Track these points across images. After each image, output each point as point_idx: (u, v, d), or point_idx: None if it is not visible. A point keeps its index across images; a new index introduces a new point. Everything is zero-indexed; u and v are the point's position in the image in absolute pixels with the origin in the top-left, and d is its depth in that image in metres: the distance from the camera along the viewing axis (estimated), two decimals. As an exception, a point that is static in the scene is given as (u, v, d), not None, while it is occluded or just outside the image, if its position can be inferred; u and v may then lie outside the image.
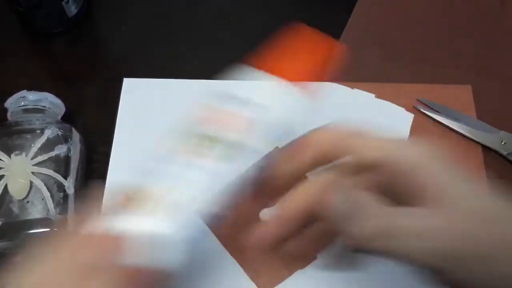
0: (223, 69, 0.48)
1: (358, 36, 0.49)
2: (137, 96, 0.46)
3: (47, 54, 0.50)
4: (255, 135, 0.35)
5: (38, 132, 0.39)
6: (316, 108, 0.45)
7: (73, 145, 0.40)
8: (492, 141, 0.42)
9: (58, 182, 0.38)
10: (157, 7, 0.52)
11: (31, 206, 0.37)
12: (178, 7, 0.52)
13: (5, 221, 0.36)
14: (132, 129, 0.44)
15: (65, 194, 0.38)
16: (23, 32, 0.51)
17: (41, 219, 0.36)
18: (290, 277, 0.38)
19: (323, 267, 0.36)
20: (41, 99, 0.41)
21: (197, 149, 0.35)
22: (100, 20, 0.52)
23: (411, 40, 0.49)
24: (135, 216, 0.29)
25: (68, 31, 0.50)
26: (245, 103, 0.41)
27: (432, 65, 0.47)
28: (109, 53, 0.50)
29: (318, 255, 0.38)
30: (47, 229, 0.36)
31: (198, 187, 0.34)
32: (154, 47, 0.50)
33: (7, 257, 0.39)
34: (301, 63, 0.35)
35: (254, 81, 0.46)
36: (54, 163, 0.38)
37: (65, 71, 0.49)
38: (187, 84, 0.47)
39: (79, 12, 0.50)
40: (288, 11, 0.52)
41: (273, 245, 0.29)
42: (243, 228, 0.39)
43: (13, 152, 0.38)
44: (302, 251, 0.30)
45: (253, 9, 0.52)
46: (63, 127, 0.40)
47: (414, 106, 0.44)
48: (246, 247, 0.39)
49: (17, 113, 0.40)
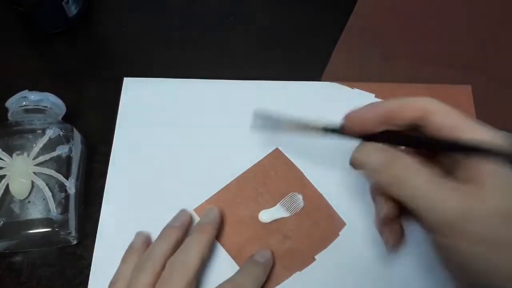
0: (223, 69, 0.48)
1: (358, 36, 0.49)
2: (137, 96, 0.46)
3: (47, 54, 0.50)
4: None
5: (39, 132, 0.39)
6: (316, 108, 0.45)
7: (74, 145, 0.40)
8: (492, 141, 0.42)
9: (60, 182, 0.38)
10: (157, 7, 0.52)
11: (33, 206, 0.37)
12: (178, 7, 0.52)
13: (6, 221, 0.36)
14: (132, 129, 0.44)
15: (67, 194, 0.38)
16: (23, 32, 0.51)
17: (42, 219, 0.36)
18: (289, 278, 0.38)
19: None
20: (43, 99, 0.41)
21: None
22: (100, 20, 0.52)
23: (410, 40, 0.49)
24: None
25: (68, 31, 0.50)
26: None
27: (432, 65, 0.47)
28: (109, 53, 0.50)
29: (317, 256, 0.39)
30: (48, 229, 0.36)
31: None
32: (154, 47, 0.50)
33: (7, 257, 0.39)
34: None
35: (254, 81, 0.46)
36: (55, 163, 0.38)
37: (65, 71, 0.49)
38: (187, 84, 0.47)
39: (79, 12, 0.50)
40: (288, 11, 0.52)
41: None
42: (242, 228, 0.40)
43: (15, 152, 0.38)
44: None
45: (253, 9, 0.52)
46: (65, 127, 0.40)
47: (414, 106, 0.45)
48: (245, 248, 0.39)
49: (18, 113, 0.40)
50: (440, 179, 0.27)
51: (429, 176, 0.28)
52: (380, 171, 0.29)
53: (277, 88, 0.46)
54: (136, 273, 0.34)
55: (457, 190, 0.27)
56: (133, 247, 0.37)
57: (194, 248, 0.35)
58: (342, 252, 0.39)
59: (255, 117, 0.37)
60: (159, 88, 0.46)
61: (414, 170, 0.28)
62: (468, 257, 0.27)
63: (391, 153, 0.30)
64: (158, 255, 0.35)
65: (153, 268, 0.34)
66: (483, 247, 0.26)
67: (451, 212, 0.26)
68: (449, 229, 0.27)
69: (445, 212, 0.26)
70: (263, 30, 0.51)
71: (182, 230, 0.38)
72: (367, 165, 0.30)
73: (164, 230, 0.38)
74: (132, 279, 0.34)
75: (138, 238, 0.38)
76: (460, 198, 0.26)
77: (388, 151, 0.30)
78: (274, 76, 0.47)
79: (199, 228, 0.38)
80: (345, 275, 0.38)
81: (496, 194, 0.26)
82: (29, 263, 0.39)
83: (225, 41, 0.50)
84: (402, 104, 0.30)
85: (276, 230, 0.40)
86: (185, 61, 0.49)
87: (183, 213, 0.39)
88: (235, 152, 0.43)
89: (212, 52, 0.49)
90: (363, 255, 0.38)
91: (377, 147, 0.30)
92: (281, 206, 0.40)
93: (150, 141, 0.44)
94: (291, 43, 0.50)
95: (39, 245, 0.39)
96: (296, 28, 0.51)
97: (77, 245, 0.39)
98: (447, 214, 0.26)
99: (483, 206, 0.26)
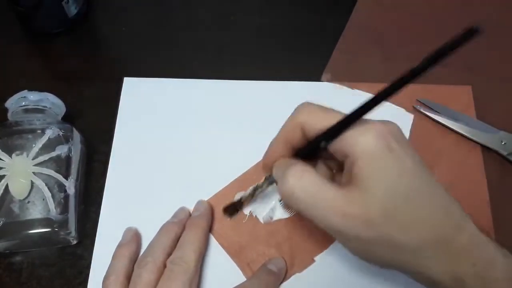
0: (223, 69, 0.48)
1: (358, 36, 0.49)
2: (137, 96, 0.46)
3: (47, 54, 0.50)
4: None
5: (39, 132, 0.39)
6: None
7: (74, 145, 0.40)
8: (492, 141, 0.42)
9: (59, 182, 0.38)
10: (157, 7, 0.52)
11: (32, 206, 0.37)
12: (178, 7, 0.52)
13: (5, 221, 0.36)
14: (132, 129, 0.44)
15: (66, 194, 0.38)
16: (23, 32, 0.51)
17: (42, 219, 0.36)
18: (288, 280, 0.38)
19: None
20: (42, 99, 0.41)
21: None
22: (100, 20, 0.52)
23: (411, 40, 0.49)
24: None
25: (68, 31, 0.50)
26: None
27: (432, 65, 0.47)
28: (109, 53, 0.50)
29: (316, 258, 0.39)
30: (48, 229, 0.36)
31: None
32: (154, 47, 0.50)
33: (7, 257, 0.39)
34: None
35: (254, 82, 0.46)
36: (55, 163, 0.38)
37: (65, 71, 0.49)
38: (187, 84, 0.47)
39: (79, 12, 0.50)
40: (288, 11, 0.52)
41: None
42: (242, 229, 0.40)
43: (14, 152, 0.38)
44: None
45: (253, 9, 0.52)
46: (64, 127, 0.40)
47: (414, 106, 0.45)
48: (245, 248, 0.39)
49: (17, 113, 0.40)
50: (326, 186, 0.28)
51: (319, 183, 0.28)
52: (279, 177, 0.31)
53: (277, 88, 0.46)
54: (137, 269, 0.35)
55: (339, 196, 0.27)
56: (122, 243, 0.38)
57: (191, 244, 0.36)
58: (341, 254, 0.38)
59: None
60: (159, 88, 0.46)
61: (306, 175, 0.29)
62: (363, 257, 0.29)
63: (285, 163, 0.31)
64: (158, 250, 0.36)
65: (153, 263, 0.35)
66: (370, 251, 0.28)
67: (335, 219, 0.27)
68: (337, 235, 0.29)
69: (330, 218, 0.28)
70: (263, 30, 0.51)
71: (180, 226, 0.38)
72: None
73: (163, 226, 0.38)
74: (135, 277, 0.35)
75: (127, 234, 0.39)
76: (340, 203, 0.27)
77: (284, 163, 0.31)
78: (274, 76, 0.47)
79: (191, 223, 0.38)
80: (344, 277, 0.38)
81: (372, 194, 0.27)
82: (29, 263, 0.39)
83: (225, 41, 0.50)
84: (287, 127, 0.32)
85: (276, 231, 0.39)
86: (185, 61, 0.49)
87: (182, 210, 0.40)
88: (235, 152, 0.43)
89: (212, 52, 0.49)
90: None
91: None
92: (282, 206, 0.40)
93: (150, 141, 0.44)
94: (291, 43, 0.50)
95: (39, 245, 0.39)
96: (296, 28, 0.51)
97: (77, 245, 0.39)
98: (332, 221, 0.28)
99: (362, 209, 0.27)
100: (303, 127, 0.30)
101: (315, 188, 0.28)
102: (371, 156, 0.27)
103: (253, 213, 0.40)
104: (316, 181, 0.28)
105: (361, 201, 0.27)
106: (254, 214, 0.40)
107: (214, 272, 0.38)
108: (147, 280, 0.34)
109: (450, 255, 0.27)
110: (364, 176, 0.27)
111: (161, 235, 0.37)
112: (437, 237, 0.27)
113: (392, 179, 0.27)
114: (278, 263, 0.38)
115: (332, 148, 0.29)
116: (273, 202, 0.40)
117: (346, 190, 0.27)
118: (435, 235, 0.27)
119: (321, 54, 0.48)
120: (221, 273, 0.38)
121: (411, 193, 0.27)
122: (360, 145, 0.27)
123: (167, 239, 0.37)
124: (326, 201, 0.27)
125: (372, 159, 0.27)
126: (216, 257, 0.39)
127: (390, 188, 0.27)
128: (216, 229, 0.40)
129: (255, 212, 0.40)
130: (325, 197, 0.27)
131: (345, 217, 0.27)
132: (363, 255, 0.29)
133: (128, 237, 0.38)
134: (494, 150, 0.42)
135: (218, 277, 0.38)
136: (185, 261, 0.35)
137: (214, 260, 0.38)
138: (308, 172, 0.28)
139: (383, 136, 0.27)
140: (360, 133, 0.27)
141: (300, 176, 0.28)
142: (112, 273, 0.35)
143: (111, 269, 0.36)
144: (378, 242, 0.27)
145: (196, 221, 0.38)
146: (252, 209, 0.40)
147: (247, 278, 0.38)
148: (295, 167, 0.29)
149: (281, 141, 0.32)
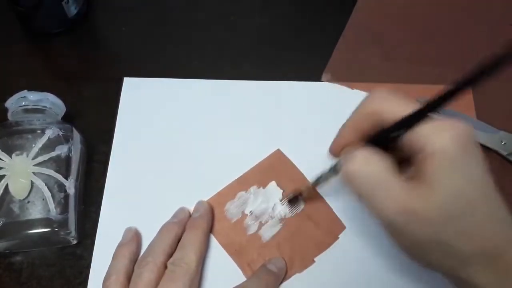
0: (223, 69, 0.48)
1: (358, 36, 0.49)
2: (137, 96, 0.46)
3: (47, 54, 0.50)
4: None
5: (39, 132, 0.39)
6: (316, 109, 0.45)
7: (73, 145, 0.40)
8: (492, 141, 0.42)
9: (59, 182, 0.38)
10: (157, 7, 0.52)
11: (32, 206, 0.37)
12: (178, 7, 0.52)
13: (5, 221, 0.36)
14: (132, 129, 0.44)
15: (66, 194, 0.38)
16: (23, 32, 0.51)
17: (41, 219, 0.36)
18: (288, 280, 0.38)
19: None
20: (42, 99, 0.41)
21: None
22: (100, 20, 0.52)
23: (411, 40, 0.49)
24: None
25: (68, 31, 0.50)
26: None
27: (432, 65, 0.47)
28: (109, 53, 0.50)
29: (316, 258, 0.39)
30: (47, 229, 0.36)
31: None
32: (154, 47, 0.50)
33: (7, 257, 0.39)
34: None
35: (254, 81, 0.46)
36: (55, 163, 0.38)
37: (65, 71, 0.49)
38: (187, 84, 0.47)
39: (79, 12, 0.50)
40: (288, 11, 0.52)
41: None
42: (243, 229, 0.40)
43: (14, 152, 0.38)
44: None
45: (253, 9, 0.52)
46: (64, 127, 0.40)
47: (414, 106, 0.45)
48: (245, 248, 0.39)
49: (17, 113, 0.40)
50: (392, 176, 0.27)
51: (385, 172, 0.28)
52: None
53: (277, 88, 0.46)
54: (138, 269, 0.35)
55: (404, 189, 0.27)
56: (122, 243, 0.38)
57: (192, 245, 0.36)
58: (341, 255, 0.39)
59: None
60: (159, 88, 0.46)
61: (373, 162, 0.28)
62: (409, 254, 0.29)
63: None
64: (158, 250, 0.36)
65: (154, 263, 0.35)
66: (419, 249, 0.28)
67: (393, 210, 0.27)
68: (389, 227, 0.28)
69: (388, 209, 0.27)
70: (263, 30, 0.51)
71: (180, 226, 0.38)
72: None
73: (163, 226, 0.38)
74: (135, 277, 0.35)
75: (127, 234, 0.39)
76: (403, 197, 0.27)
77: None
78: (274, 76, 0.47)
79: (192, 224, 0.38)
80: (344, 278, 0.38)
81: (438, 194, 0.26)
82: (29, 263, 0.39)
83: (225, 41, 0.50)
84: (358, 113, 0.30)
85: (276, 231, 0.40)
86: (185, 61, 0.49)
87: (182, 210, 0.40)
88: (236, 153, 0.43)
89: (212, 52, 0.49)
90: (362, 258, 0.38)
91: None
92: (282, 206, 0.40)
93: (150, 141, 0.44)
94: (291, 43, 0.50)
95: (39, 245, 0.39)
96: (296, 28, 0.51)
97: (77, 245, 0.39)
98: (389, 212, 0.27)
99: (425, 207, 0.26)
100: (375, 114, 0.29)
101: (380, 177, 0.27)
102: (446, 157, 0.26)
103: (253, 213, 0.40)
104: (383, 169, 0.27)
105: (425, 199, 0.26)
106: (254, 214, 0.40)
107: (214, 272, 0.38)
108: (147, 280, 0.34)
109: (498, 267, 0.27)
110: (435, 175, 0.26)
111: (161, 235, 0.37)
112: (489, 248, 0.26)
113: (462, 183, 0.26)
114: (278, 263, 0.38)
115: (404, 139, 0.28)
116: (273, 202, 0.40)
117: (412, 185, 0.27)
118: (488, 247, 0.26)
119: (321, 54, 0.48)
120: (221, 273, 0.38)
121: (476, 201, 0.26)
122: (436, 143, 0.26)
123: (167, 239, 0.37)
124: (389, 191, 0.27)
125: (446, 159, 0.26)
126: (216, 257, 0.39)
127: (457, 192, 0.26)
128: (217, 229, 0.40)
129: (255, 212, 0.40)
130: (389, 187, 0.27)
131: (406, 211, 0.26)
132: (410, 251, 0.29)
133: (128, 237, 0.38)
134: (494, 150, 0.42)
135: (218, 277, 0.38)
136: (186, 262, 0.35)
137: (214, 260, 0.38)
138: (377, 159, 0.28)
139: (461, 139, 0.26)
140: (438, 130, 0.26)
141: (368, 161, 0.28)
142: (112, 273, 0.35)
143: (111, 269, 0.36)
144: (431, 242, 0.27)
145: (197, 222, 0.38)
146: (252, 209, 0.40)
147: (247, 278, 0.38)
148: (364, 151, 0.28)
149: (351, 128, 0.31)
